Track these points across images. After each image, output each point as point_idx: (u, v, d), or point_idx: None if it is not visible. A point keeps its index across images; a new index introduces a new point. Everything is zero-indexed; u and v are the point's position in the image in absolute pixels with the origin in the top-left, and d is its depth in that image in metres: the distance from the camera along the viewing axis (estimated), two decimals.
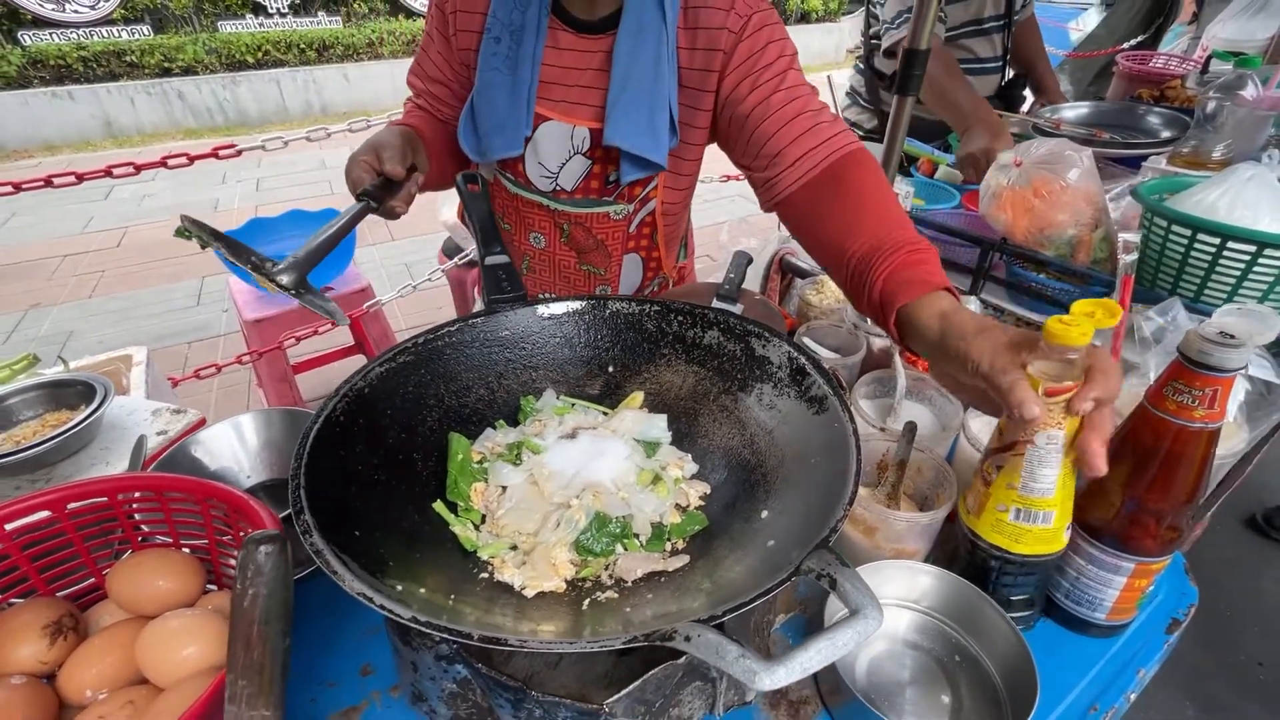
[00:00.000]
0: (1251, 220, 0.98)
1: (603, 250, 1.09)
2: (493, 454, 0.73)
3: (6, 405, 1.05)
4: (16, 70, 6.20)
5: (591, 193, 1.03)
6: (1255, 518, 2.20)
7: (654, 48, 0.89)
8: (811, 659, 0.38)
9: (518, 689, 0.51)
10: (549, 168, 1.01)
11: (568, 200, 1.04)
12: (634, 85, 0.90)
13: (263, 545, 0.38)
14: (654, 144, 0.93)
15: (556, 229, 1.08)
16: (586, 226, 1.06)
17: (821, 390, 0.65)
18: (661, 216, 1.08)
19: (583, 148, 0.98)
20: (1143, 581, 0.66)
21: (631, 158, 0.94)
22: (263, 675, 0.37)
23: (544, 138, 0.98)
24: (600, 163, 0.99)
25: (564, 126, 0.96)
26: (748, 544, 0.60)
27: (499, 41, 0.93)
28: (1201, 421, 0.56)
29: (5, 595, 0.61)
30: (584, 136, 0.96)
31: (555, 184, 1.03)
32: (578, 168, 1.00)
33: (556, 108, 0.96)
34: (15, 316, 3.54)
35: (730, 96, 0.91)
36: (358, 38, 7.55)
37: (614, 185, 1.01)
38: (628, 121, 0.91)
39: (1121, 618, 0.70)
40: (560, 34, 0.94)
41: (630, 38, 0.89)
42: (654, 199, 1.06)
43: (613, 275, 1.13)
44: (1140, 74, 2.19)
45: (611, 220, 1.05)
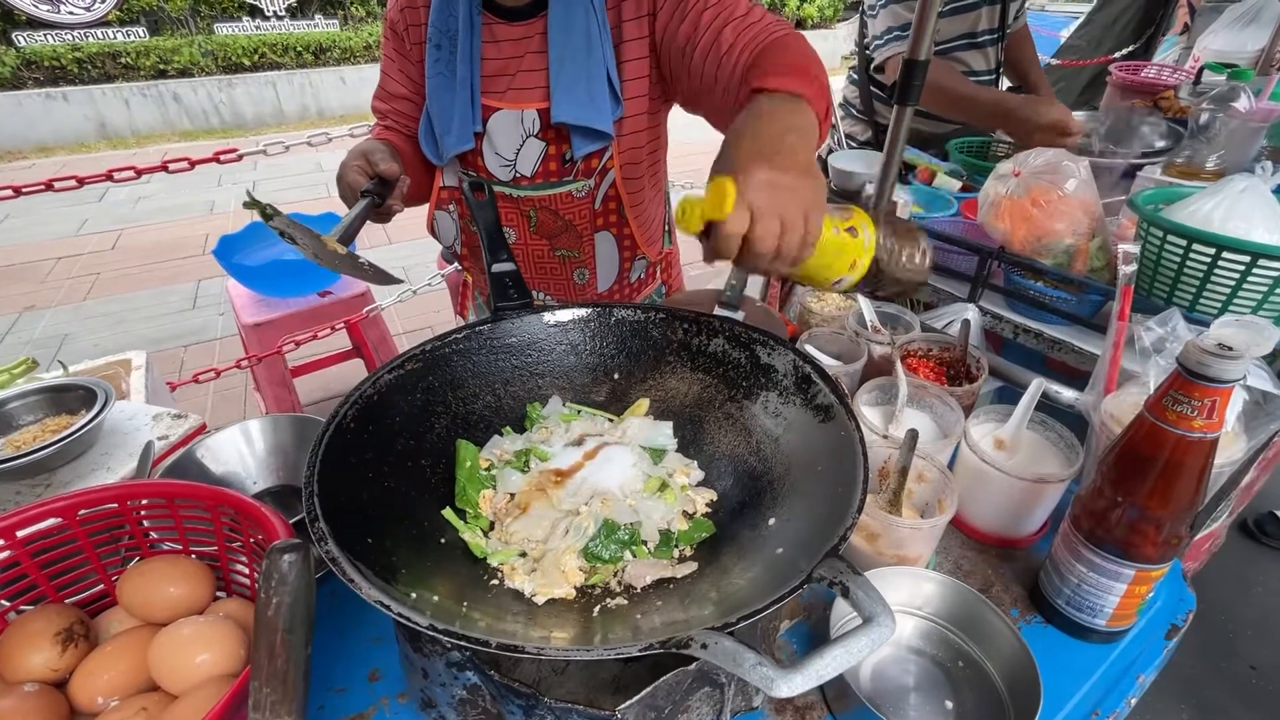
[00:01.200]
0: (1246, 231, 1.00)
1: (572, 231, 1.11)
2: (500, 461, 0.74)
3: (7, 410, 1.04)
4: (11, 71, 6.17)
5: (551, 175, 1.05)
6: (1247, 523, 2.22)
7: (583, 20, 0.93)
8: (828, 666, 0.39)
9: (529, 695, 0.51)
10: (505, 156, 1.04)
11: (529, 185, 1.06)
12: (570, 61, 0.94)
13: (286, 554, 0.38)
14: (596, 113, 0.96)
15: (524, 218, 1.10)
16: (552, 209, 1.08)
17: (827, 398, 0.66)
18: (623, 186, 1.10)
19: (534, 130, 1.01)
20: (1142, 588, 0.67)
21: (580, 131, 0.97)
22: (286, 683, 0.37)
23: (496, 128, 1.01)
24: (554, 143, 1.02)
25: (513, 113, 1.00)
26: (755, 551, 0.61)
27: (439, 48, 0.98)
28: (1201, 431, 0.57)
29: (16, 602, 0.61)
30: (533, 119, 1.00)
31: (514, 171, 1.05)
32: (533, 151, 1.03)
33: (504, 97, 1.00)
34: (9, 319, 3.52)
35: (664, 35, 0.94)
36: (355, 41, 7.55)
37: (571, 163, 1.04)
38: (569, 97, 0.95)
39: (1122, 624, 0.70)
40: (495, 27, 0.98)
41: (560, 16, 0.93)
42: (612, 169, 1.07)
43: (587, 256, 1.15)
44: (1133, 84, 2.21)
45: (575, 199, 1.07)
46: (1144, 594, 0.68)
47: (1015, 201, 1.24)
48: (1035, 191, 1.21)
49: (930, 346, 1.04)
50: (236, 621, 0.58)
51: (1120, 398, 0.77)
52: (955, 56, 1.93)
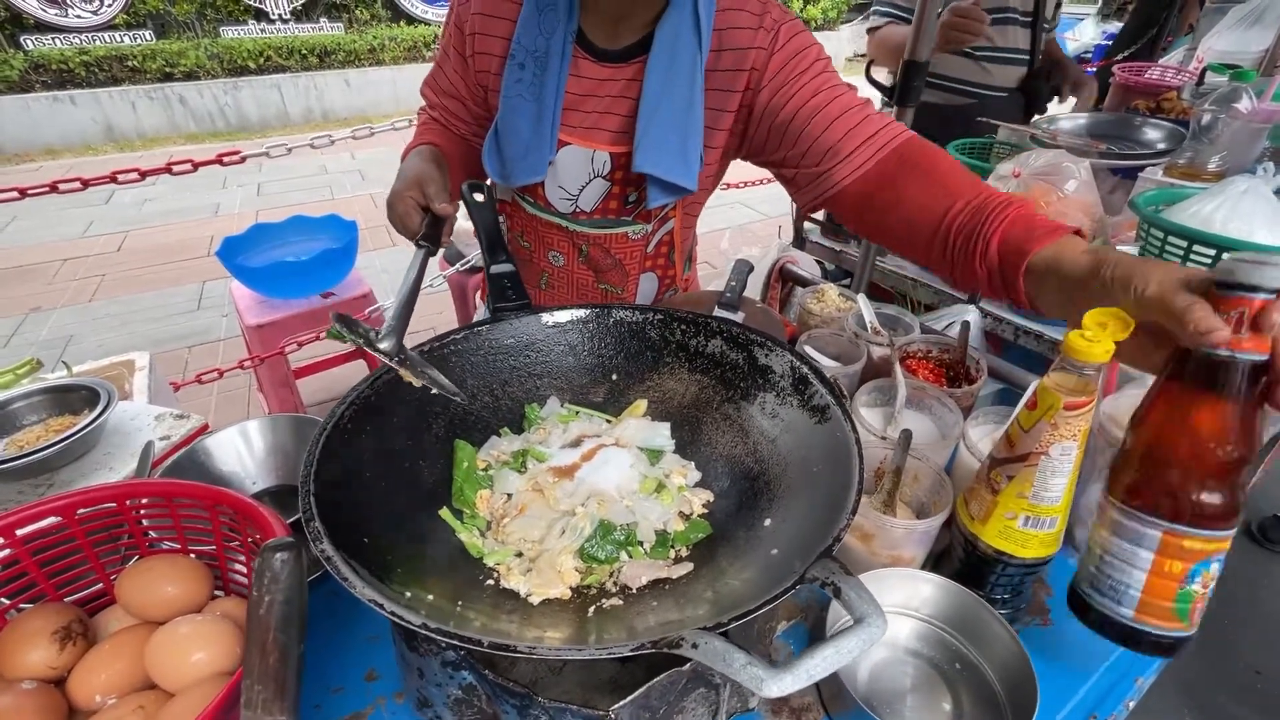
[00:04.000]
0: (1247, 232, 0.99)
1: (620, 270, 1.10)
2: (498, 462, 0.74)
3: (10, 410, 1.05)
4: (18, 74, 6.22)
5: (610, 213, 1.03)
6: (1251, 527, 2.21)
7: (688, 76, 0.90)
8: (818, 666, 0.39)
9: (524, 695, 0.51)
10: (569, 190, 1.02)
11: (586, 221, 1.04)
12: (665, 113, 0.91)
13: (279, 553, 0.39)
14: (685, 170, 0.92)
15: (575, 249, 1.09)
16: (605, 247, 1.07)
17: (824, 399, 0.66)
18: (679, 235, 1.10)
19: (603, 171, 0.98)
20: (1176, 565, 0.54)
21: (659, 183, 0.93)
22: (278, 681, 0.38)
23: (564, 161, 0.99)
24: (620, 185, 1.00)
25: (584, 151, 0.97)
26: (751, 552, 0.61)
27: (523, 68, 0.94)
28: (1228, 349, 0.48)
29: (15, 600, 0.61)
30: (604, 160, 0.97)
31: (575, 205, 1.03)
32: (597, 190, 1.01)
33: (575, 132, 0.97)
34: (15, 320, 3.54)
35: (767, 109, 0.90)
36: (359, 44, 7.58)
37: (632, 206, 1.02)
38: (659, 149, 0.91)
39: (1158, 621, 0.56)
40: (581, 62, 0.94)
41: (663, 66, 0.89)
42: (673, 218, 1.07)
43: (629, 294, 1.14)
44: (1136, 85, 2.21)
45: (630, 240, 1.06)
46: (1180, 574, 0.54)
47: None
48: (1035, 192, 1.21)
49: (930, 348, 1.04)
50: (233, 620, 0.59)
51: (1119, 399, 0.77)
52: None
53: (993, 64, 1.99)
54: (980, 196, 0.72)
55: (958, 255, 0.73)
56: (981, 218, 0.70)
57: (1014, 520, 0.64)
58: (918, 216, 0.78)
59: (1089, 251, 0.61)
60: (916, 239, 0.79)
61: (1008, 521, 0.65)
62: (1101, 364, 0.57)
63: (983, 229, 0.69)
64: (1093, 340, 0.56)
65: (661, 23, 0.89)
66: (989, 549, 0.67)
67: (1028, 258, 0.64)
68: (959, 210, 0.73)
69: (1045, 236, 0.64)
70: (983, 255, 0.69)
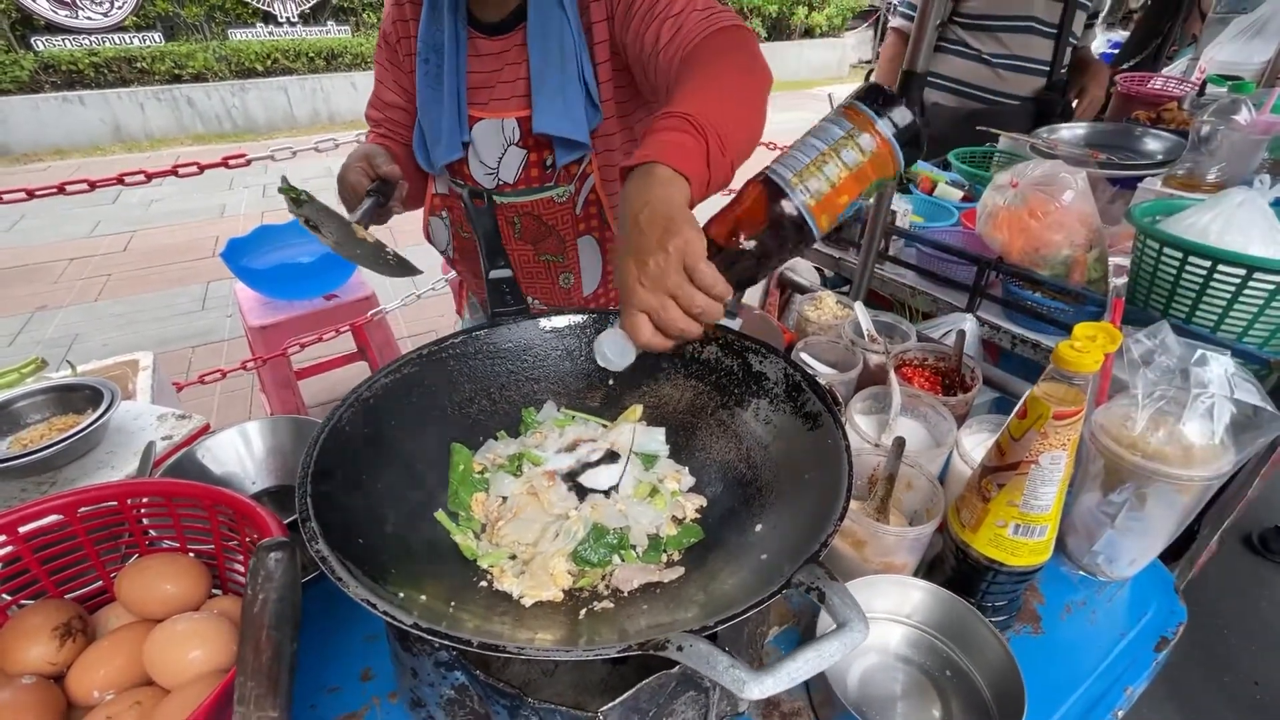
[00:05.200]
0: (1242, 244, 1.00)
1: (555, 236, 1.13)
2: (494, 465, 0.75)
3: (14, 409, 1.06)
4: (29, 74, 6.28)
5: (533, 181, 1.08)
6: (1251, 538, 2.21)
7: (558, 32, 0.96)
8: (799, 669, 0.39)
9: (514, 696, 0.52)
10: (489, 164, 1.07)
11: (512, 192, 1.09)
12: (549, 72, 0.97)
13: (273, 552, 0.39)
14: (573, 124, 0.98)
15: (508, 225, 1.13)
16: (535, 215, 1.11)
17: (816, 407, 0.67)
18: (602, 190, 1.11)
19: (514, 138, 1.04)
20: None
21: (561, 141, 1.00)
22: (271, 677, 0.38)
23: (480, 137, 1.05)
24: (534, 150, 1.05)
25: (494, 122, 1.04)
26: (742, 557, 0.62)
27: (428, 62, 1.03)
28: None
29: (16, 597, 0.62)
30: (513, 128, 1.03)
31: (497, 178, 1.09)
32: (514, 159, 1.06)
33: (486, 107, 1.04)
34: (21, 319, 3.57)
35: (626, 40, 0.94)
36: (366, 47, 7.63)
37: (551, 170, 1.07)
38: (549, 108, 0.98)
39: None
40: (477, 40, 1.02)
41: (537, 28, 0.96)
42: (591, 174, 1.09)
43: (571, 261, 1.17)
44: (1138, 95, 2.22)
45: (557, 204, 1.10)
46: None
47: (1013, 212, 1.24)
48: (1033, 202, 1.22)
49: (926, 356, 1.04)
50: (230, 619, 0.59)
51: (1111, 409, 0.77)
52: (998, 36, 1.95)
53: (1009, 71, 1.99)
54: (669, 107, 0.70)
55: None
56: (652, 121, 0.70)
57: (1005, 528, 0.65)
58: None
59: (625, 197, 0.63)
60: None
61: (998, 529, 0.65)
62: (1091, 374, 0.58)
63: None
64: (1082, 351, 0.57)
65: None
66: (980, 557, 0.68)
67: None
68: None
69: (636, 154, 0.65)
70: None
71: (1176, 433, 0.71)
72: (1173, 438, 0.71)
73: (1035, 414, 0.61)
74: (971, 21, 1.99)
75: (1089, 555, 0.81)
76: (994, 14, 1.94)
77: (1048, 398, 0.59)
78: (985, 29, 1.97)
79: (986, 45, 1.99)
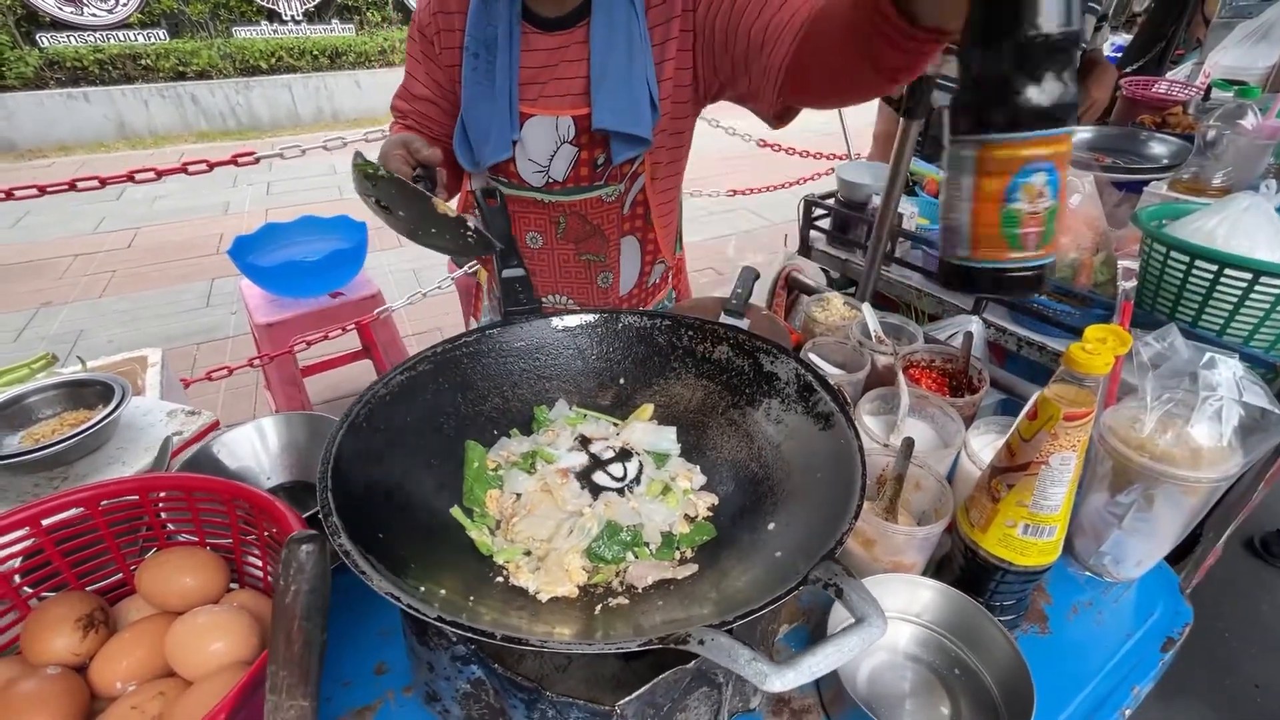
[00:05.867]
0: (1249, 249, 1.00)
1: (600, 235, 1.13)
2: (508, 462, 0.75)
3: (26, 404, 1.07)
4: (34, 71, 6.29)
5: (582, 180, 1.07)
6: (1254, 541, 2.21)
7: (625, 28, 0.95)
8: (819, 663, 0.40)
9: (532, 689, 0.53)
10: (539, 162, 1.06)
11: (561, 190, 1.08)
12: (613, 69, 0.96)
13: (305, 545, 0.40)
14: (637, 120, 0.98)
15: (552, 224, 1.12)
16: (581, 214, 1.10)
17: (828, 406, 0.67)
18: (651, 190, 1.12)
19: (569, 136, 1.03)
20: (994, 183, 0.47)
21: (621, 137, 0.99)
22: (302, 667, 0.39)
23: (530, 134, 1.03)
24: (587, 149, 1.04)
25: (548, 119, 1.02)
26: (754, 554, 0.62)
27: (477, 57, 1.00)
28: None
29: (40, 588, 0.63)
30: (568, 125, 1.02)
31: (547, 176, 1.07)
32: (566, 157, 1.05)
33: (537, 104, 1.02)
34: (26, 314, 3.58)
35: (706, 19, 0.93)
36: (370, 45, 7.64)
37: (602, 168, 1.06)
38: (611, 104, 0.96)
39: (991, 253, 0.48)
40: (531, 35, 1.00)
41: (603, 24, 0.95)
42: (642, 174, 1.09)
43: (613, 260, 1.16)
44: (1143, 99, 2.22)
45: (605, 203, 1.09)
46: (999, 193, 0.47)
47: None
48: None
49: (933, 357, 1.05)
50: (250, 612, 0.60)
51: (1119, 411, 0.78)
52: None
53: None
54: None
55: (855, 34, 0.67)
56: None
57: (1014, 528, 0.66)
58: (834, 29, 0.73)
59: None
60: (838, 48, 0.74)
61: (1008, 529, 0.66)
62: (1102, 376, 0.58)
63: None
64: (1093, 353, 0.57)
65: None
66: (989, 556, 0.68)
67: None
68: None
69: None
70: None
71: (1185, 435, 0.72)
72: (1181, 440, 0.72)
73: (1046, 415, 0.61)
74: None
75: (1096, 556, 0.82)
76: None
77: (1059, 399, 0.60)
78: None
79: None
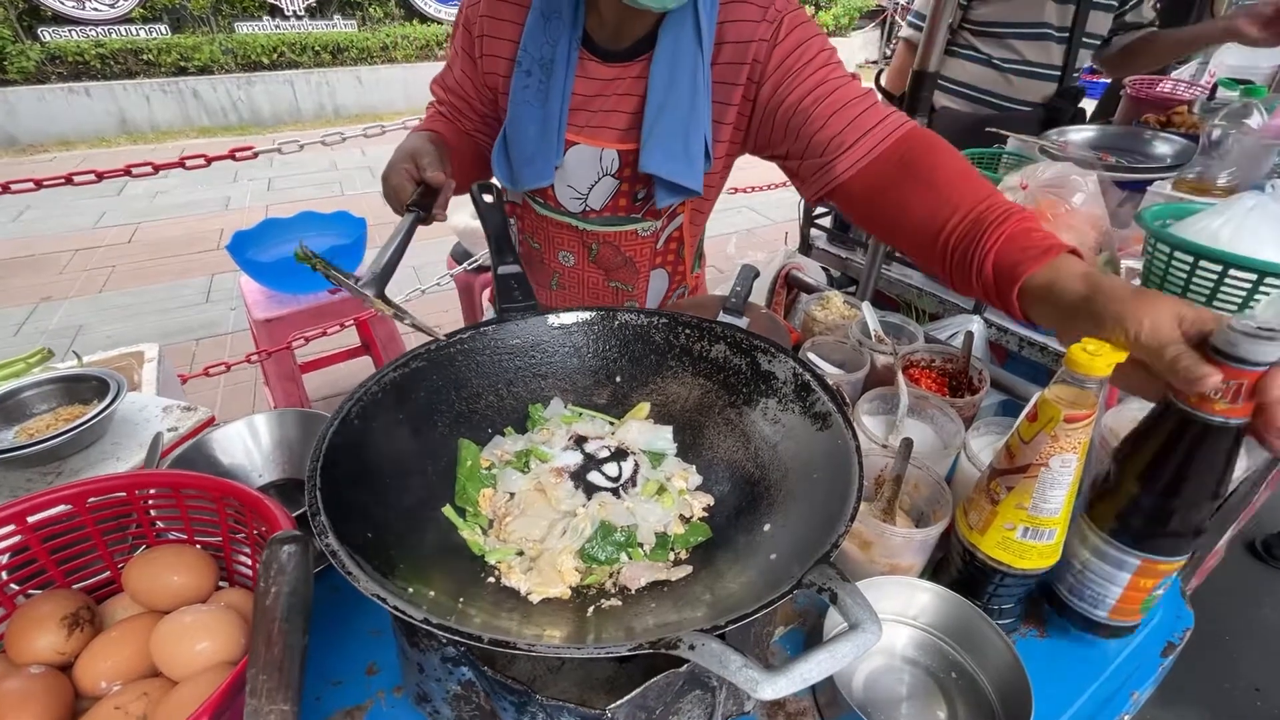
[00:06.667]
0: (1254, 249, 0.99)
1: (630, 267, 1.10)
2: (501, 461, 0.74)
3: (21, 398, 1.07)
4: (35, 66, 6.29)
5: (620, 211, 1.04)
6: (1255, 544, 2.20)
7: (690, 75, 0.90)
8: (812, 670, 0.39)
9: (522, 692, 0.52)
10: (578, 189, 1.03)
11: (596, 220, 1.05)
12: (669, 113, 0.91)
13: (286, 545, 0.39)
14: (689, 171, 0.93)
15: (585, 249, 1.10)
16: (615, 245, 1.08)
17: (826, 406, 0.67)
18: (688, 231, 1.10)
19: (611, 169, 0.99)
20: (1148, 581, 0.65)
21: (666, 184, 0.94)
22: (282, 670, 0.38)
23: (573, 161, 1.00)
24: (628, 182, 1.01)
25: (593, 150, 0.98)
26: (749, 556, 0.62)
27: (529, 75, 0.95)
28: (1222, 416, 0.54)
29: (25, 586, 0.62)
30: (612, 158, 0.98)
31: (585, 204, 1.04)
32: (606, 188, 1.02)
33: (583, 132, 0.98)
34: (26, 309, 3.58)
35: (770, 102, 0.90)
36: (372, 42, 7.63)
37: (641, 203, 1.03)
38: (663, 150, 0.92)
39: (1125, 619, 0.69)
40: (588, 63, 0.95)
41: (666, 64, 0.90)
42: (681, 214, 1.07)
43: (640, 291, 1.15)
44: (1148, 98, 2.21)
45: (640, 238, 1.07)
46: (1149, 588, 0.65)
47: None
48: (1043, 205, 1.21)
49: (933, 357, 1.04)
50: (238, 611, 0.59)
51: (1121, 412, 0.77)
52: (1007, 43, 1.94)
53: (1019, 77, 1.98)
54: (980, 207, 0.71)
55: (955, 269, 0.73)
56: (978, 233, 0.70)
57: (1013, 531, 0.65)
58: (918, 225, 0.77)
59: (1084, 277, 0.61)
60: (917, 246, 0.79)
61: (1006, 532, 0.65)
62: (1103, 377, 0.57)
63: (978, 246, 0.69)
64: (1094, 354, 0.56)
65: (665, 21, 0.89)
66: (987, 559, 0.68)
67: (1019, 281, 0.65)
68: (957, 223, 0.72)
69: (1039, 258, 0.64)
70: (978, 273, 0.69)
71: None
72: None
73: (1046, 417, 0.60)
74: (980, 28, 1.98)
75: None
76: (1005, 20, 1.94)
77: (1059, 400, 0.59)
78: (996, 35, 1.96)
79: (996, 51, 1.98)
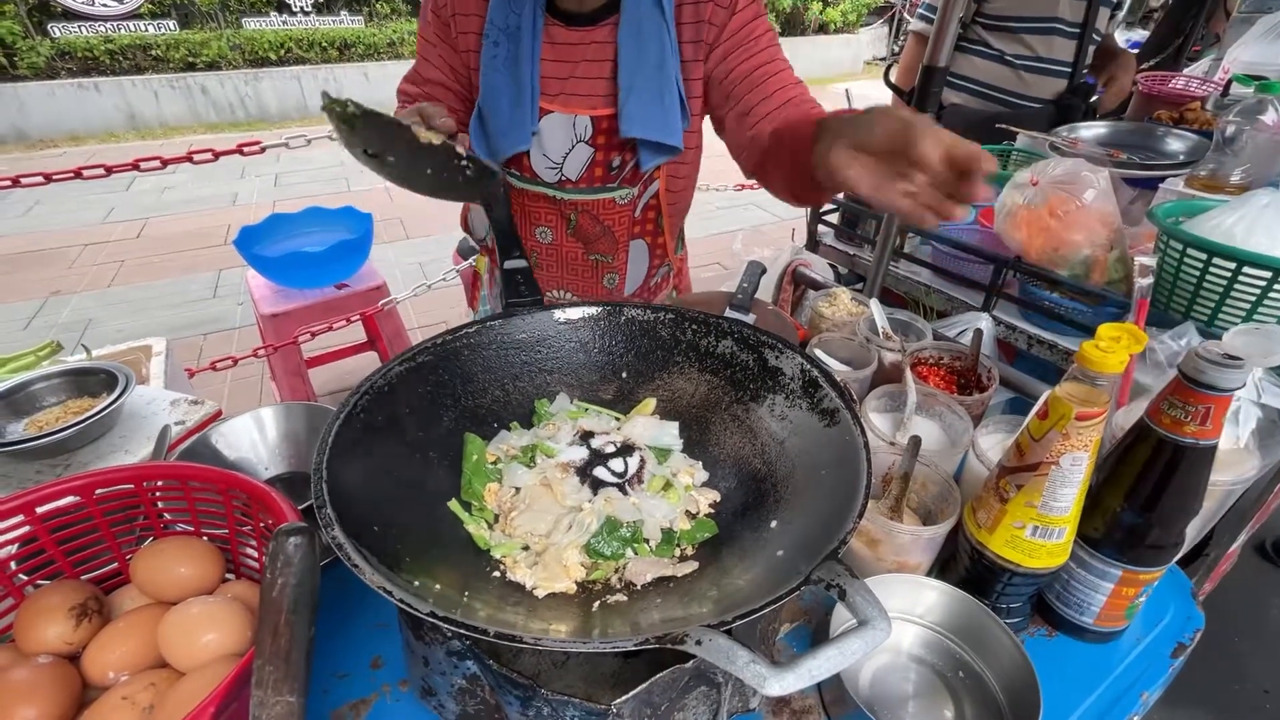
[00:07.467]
0: (1268, 246, 0.98)
1: (609, 237, 1.11)
2: (507, 455, 0.74)
3: (30, 391, 1.07)
4: (45, 61, 6.32)
5: (596, 180, 1.05)
6: (1264, 545, 2.18)
7: (656, 34, 0.93)
8: (820, 666, 0.39)
9: (528, 686, 0.52)
10: (553, 159, 1.04)
11: (573, 189, 1.06)
12: (642, 74, 0.94)
13: (293, 537, 0.39)
14: (668, 128, 0.96)
15: (563, 220, 1.10)
16: (593, 214, 1.09)
17: (834, 403, 0.66)
18: (665, 197, 1.10)
19: (585, 136, 1.01)
20: (1130, 590, 0.68)
21: (650, 145, 0.97)
22: (289, 662, 0.38)
23: (547, 130, 1.01)
24: (603, 150, 1.02)
25: (565, 117, 1.00)
26: (756, 553, 0.61)
27: (497, 45, 0.97)
28: (1192, 438, 0.57)
29: (33, 577, 0.63)
30: (585, 125, 1.00)
31: (560, 174, 1.05)
32: (581, 156, 1.03)
33: (556, 100, 0.99)
34: (36, 303, 3.60)
35: (719, 69, 0.95)
36: (379, 37, 7.64)
37: (617, 171, 1.04)
38: (641, 111, 0.95)
39: (1110, 624, 0.71)
40: (554, 29, 0.97)
41: (632, 27, 0.93)
42: (657, 179, 1.08)
43: (620, 262, 1.15)
44: (1160, 95, 2.18)
45: (617, 205, 1.08)
46: (1132, 596, 0.68)
47: (1033, 211, 1.23)
48: (1053, 201, 1.20)
49: (941, 355, 1.03)
50: (244, 603, 0.60)
51: (1132, 411, 0.76)
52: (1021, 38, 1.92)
53: (1031, 74, 1.96)
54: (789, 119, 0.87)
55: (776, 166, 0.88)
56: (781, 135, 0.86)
57: (1022, 530, 0.64)
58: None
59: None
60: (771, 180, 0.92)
61: (1015, 531, 0.65)
62: (1115, 375, 0.57)
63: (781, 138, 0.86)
64: (1107, 351, 0.56)
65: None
66: (996, 558, 0.67)
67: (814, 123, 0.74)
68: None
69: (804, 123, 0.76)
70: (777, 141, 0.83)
71: None
72: None
73: (1057, 414, 0.60)
74: (994, 22, 1.96)
75: None
76: (1017, 15, 1.92)
77: (1070, 398, 0.58)
78: (1008, 30, 1.94)
79: (1009, 46, 1.96)
